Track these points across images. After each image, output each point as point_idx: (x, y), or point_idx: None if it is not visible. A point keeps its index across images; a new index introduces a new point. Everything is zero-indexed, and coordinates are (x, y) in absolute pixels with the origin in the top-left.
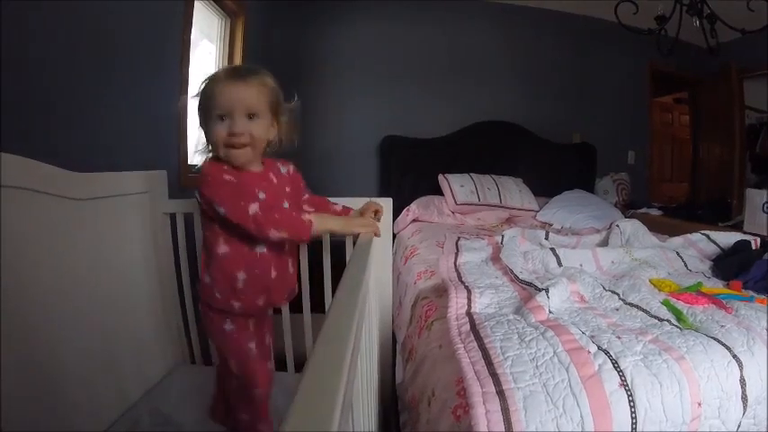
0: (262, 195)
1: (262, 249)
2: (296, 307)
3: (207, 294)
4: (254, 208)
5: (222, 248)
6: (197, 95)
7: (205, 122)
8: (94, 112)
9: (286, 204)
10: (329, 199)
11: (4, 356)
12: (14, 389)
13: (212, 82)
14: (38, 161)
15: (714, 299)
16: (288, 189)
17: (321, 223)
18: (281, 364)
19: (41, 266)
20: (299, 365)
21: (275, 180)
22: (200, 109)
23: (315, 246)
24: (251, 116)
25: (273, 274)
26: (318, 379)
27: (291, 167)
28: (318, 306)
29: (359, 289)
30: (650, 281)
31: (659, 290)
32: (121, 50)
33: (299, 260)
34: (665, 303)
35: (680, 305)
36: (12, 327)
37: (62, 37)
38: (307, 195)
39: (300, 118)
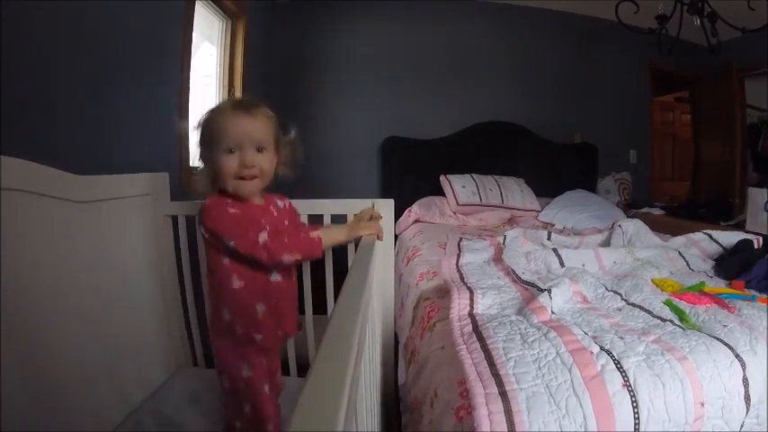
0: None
1: (276, 278)
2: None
3: (224, 330)
4: (263, 236)
5: (236, 283)
6: (198, 127)
7: (209, 154)
8: (95, 113)
9: None
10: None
11: (4, 358)
12: (15, 391)
13: (217, 115)
14: (39, 164)
15: (717, 298)
16: (286, 222)
17: (328, 237)
18: (284, 367)
19: (42, 269)
20: (301, 367)
21: (275, 213)
22: (203, 141)
23: None
24: (259, 149)
25: (287, 301)
26: (323, 381)
27: (288, 201)
28: (320, 307)
29: (362, 292)
30: (653, 281)
31: (662, 290)
32: (122, 52)
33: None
34: (668, 303)
35: (682, 305)
36: (12, 329)
37: (62, 39)
38: (303, 228)
39: (300, 148)
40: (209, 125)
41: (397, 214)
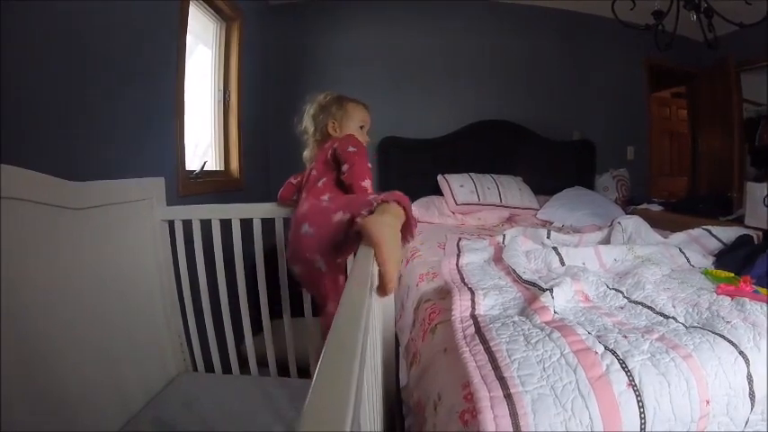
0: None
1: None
2: (279, 312)
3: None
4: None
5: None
6: (334, 100)
7: (344, 123)
8: (91, 119)
9: None
10: None
11: (5, 365)
12: (16, 397)
13: (355, 101)
14: (35, 171)
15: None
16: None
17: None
18: (283, 370)
19: (41, 276)
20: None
21: None
22: (338, 115)
23: None
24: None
25: None
26: (329, 382)
27: None
28: (299, 310)
29: (364, 293)
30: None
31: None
32: (117, 57)
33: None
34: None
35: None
36: (12, 336)
37: (57, 44)
38: None
39: None
40: (350, 105)
41: None
